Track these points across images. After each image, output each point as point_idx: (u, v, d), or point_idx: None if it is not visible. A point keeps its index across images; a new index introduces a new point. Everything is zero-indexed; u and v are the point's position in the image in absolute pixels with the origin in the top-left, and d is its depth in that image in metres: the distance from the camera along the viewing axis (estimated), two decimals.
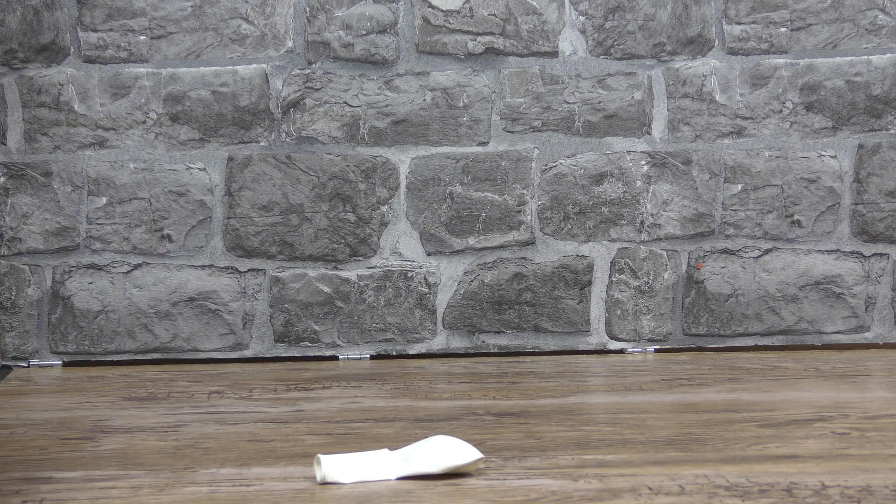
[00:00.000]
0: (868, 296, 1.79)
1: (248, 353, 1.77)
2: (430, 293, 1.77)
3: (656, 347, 1.79)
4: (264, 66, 1.74)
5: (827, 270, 1.79)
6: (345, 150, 1.76)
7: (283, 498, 0.94)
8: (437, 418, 1.28)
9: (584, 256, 1.78)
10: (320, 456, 1.05)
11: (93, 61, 1.73)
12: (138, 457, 1.15)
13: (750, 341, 1.79)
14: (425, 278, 1.77)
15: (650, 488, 0.94)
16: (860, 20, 1.76)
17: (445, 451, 0.98)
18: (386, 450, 1.01)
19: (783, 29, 1.76)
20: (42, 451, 1.18)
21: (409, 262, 1.77)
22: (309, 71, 1.75)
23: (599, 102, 1.76)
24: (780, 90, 1.76)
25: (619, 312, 1.79)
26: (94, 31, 1.72)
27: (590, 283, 1.79)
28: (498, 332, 1.78)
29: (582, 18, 1.75)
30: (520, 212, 1.78)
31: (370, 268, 1.77)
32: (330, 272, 1.76)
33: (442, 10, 1.74)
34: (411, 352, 1.76)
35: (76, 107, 1.72)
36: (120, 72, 1.73)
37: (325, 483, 0.99)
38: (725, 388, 1.41)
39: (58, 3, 1.72)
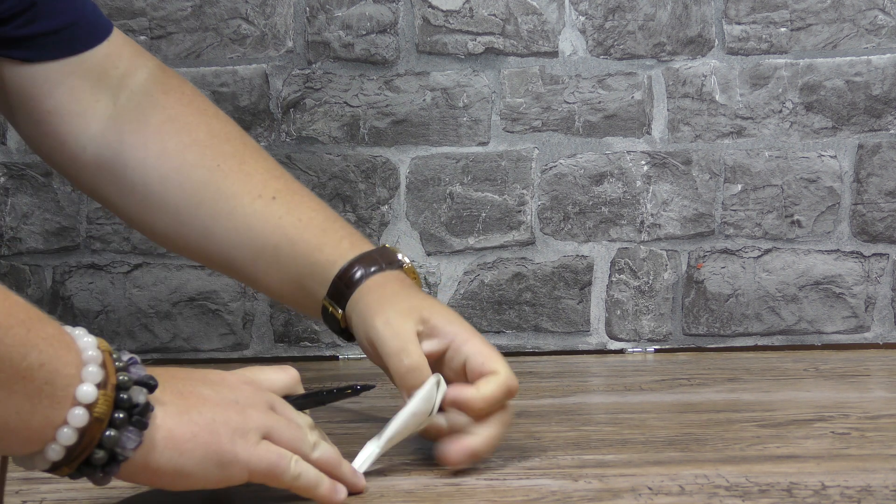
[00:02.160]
0: (868, 296, 1.79)
1: (248, 353, 1.77)
2: (430, 293, 1.77)
3: (656, 347, 1.79)
4: (264, 66, 1.74)
5: (827, 270, 1.79)
6: (345, 150, 1.76)
7: (284, 497, 0.94)
8: None
9: (584, 256, 1.78)
10: None
11: None
12: None
13: (750, 341, 1.79)
14: (425, 278, 1.77)
15: (650, 488, 0.94)
16: (860, 20, 1.76)
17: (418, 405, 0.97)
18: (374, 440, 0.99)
19: (783, 29, 1.76)
20: None
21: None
22: (309, 71, 1.75)
23: (599, 102, 1.76)
24: (780, 90, 1.76)
25: (619, 312, 1.79)
26: None
27: (590, 283, 1.79)
28: (498, 332, 1.78)
29: (582, 18, 1.75)
30: (520, 212, 1.78)
31: None
32: None
33: (442, 10, 1.74)
34: None
35: None
36: None
37: None
38: (725, 388, 1.41)
39: None
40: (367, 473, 0.98)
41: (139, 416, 0.79)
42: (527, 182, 1.77)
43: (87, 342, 0.79)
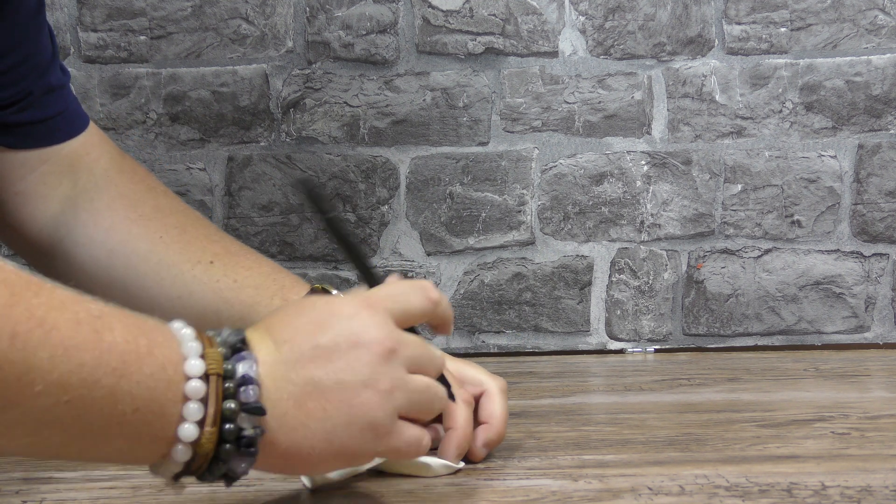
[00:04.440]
0: (868, 296, 1.79)
1: None
2: None
3: (656, 347, 1.79)
4: (264, 66, 1.74)
5: (827, 270, 1.79)
6: (345, 150, 1.76)
7: (284, 499, 0.94)
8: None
9: (584, 256, 1.78)
10: None
11: (93, 61, 1.73)
12: None
13: (750, 341, 1.79)
14: (425, 278, 1.77)
15: (650, 488, 0.94)
16: (860, 20, 1.76)
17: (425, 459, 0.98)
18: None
19: (783, 29, 1.76)
20: None
21: (409, 262, 1.77)
22: (309, 71, 1.75)
23: (599, 102, 1.76)
24: (780, 90, 1.76)
25: (619, 312, 1.79)
26: (94, 31, 1.72)
27: (590, 283, 1.79)
28: (498, 332, 1.78)
29: (582, 18, 1.75)
30: (520, 212, 1.78)
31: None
32: (330, 272, 1.76)
33: (442, 10, 1.74)
34: None
35: None
36: (120, 72, 1.73)
37: (316, 488, 0.98)
38: (725, 388, 1.41)
39: (57, 3, 1.72)
40: (368, 473, 0.98)
41: (247, 447, 0.77)
42: (527, 182, 1.77)
43: (193, 366, 0.75)
